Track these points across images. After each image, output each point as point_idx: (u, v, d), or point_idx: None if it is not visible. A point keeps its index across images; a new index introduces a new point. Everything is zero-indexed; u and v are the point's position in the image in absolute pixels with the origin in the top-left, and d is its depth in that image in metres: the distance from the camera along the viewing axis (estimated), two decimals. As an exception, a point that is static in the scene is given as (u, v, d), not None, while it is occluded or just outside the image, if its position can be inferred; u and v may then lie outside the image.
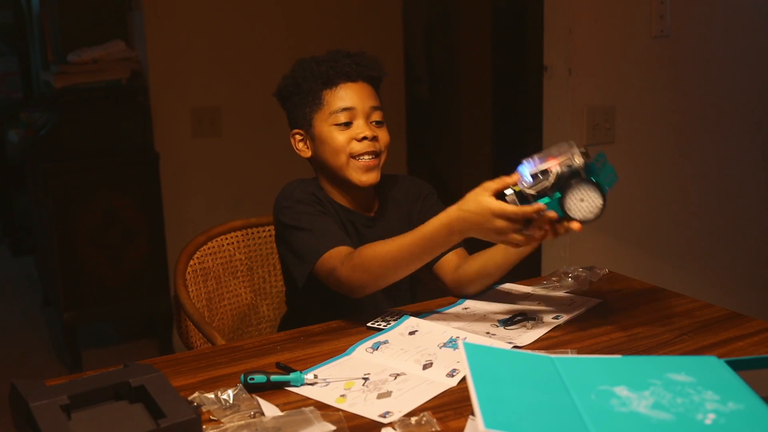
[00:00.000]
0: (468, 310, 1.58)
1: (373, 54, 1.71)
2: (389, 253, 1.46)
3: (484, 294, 1.66)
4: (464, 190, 1.90)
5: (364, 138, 1.63)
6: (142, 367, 1.09)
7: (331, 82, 1.65)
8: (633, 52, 2.48)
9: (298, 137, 1.72)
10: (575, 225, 1.34)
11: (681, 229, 2.65)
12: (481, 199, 1.35)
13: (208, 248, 1.84)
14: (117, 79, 3.35)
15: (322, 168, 1.70)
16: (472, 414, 1.13)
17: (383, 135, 1.67)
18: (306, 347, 1.42)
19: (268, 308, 1.93)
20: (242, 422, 1.11)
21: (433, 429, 1.11)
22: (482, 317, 1.54)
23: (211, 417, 1.15)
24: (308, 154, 1.71)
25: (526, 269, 1.92)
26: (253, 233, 1.93)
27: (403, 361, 1.33)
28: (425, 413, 1.13)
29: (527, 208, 1.32)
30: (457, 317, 1.54)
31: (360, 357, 1.36)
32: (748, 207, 2.77)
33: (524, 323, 1.49)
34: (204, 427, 1.09)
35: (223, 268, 1.86)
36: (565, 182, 1.32)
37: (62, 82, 3.30)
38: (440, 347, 1.38)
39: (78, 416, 1.02)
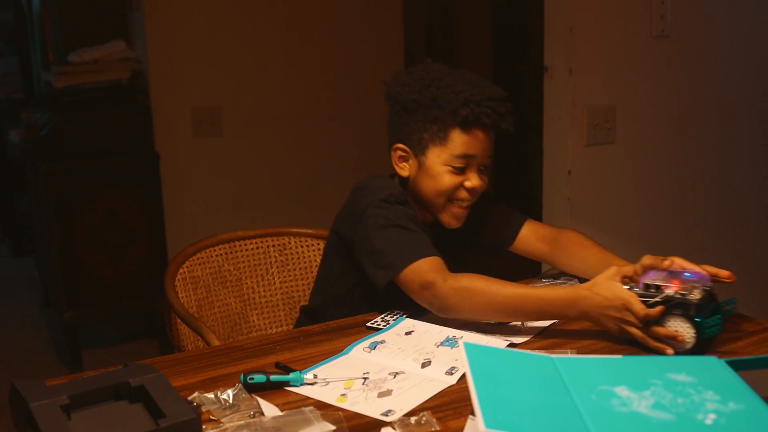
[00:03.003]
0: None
1: (508, 99, 1.60)
2: (501, 296, 1.42)
3: None
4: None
5: (472, 188, 1.59)
6: (142, 367, 1.09)
7: (465, 125, 1.56)
8: (633, 52, 2.48)
9: (400, 153, 1.63)
10: (669, 351, 1.33)
11: (681, 229, 2.65)
12: (614, 287, 1.36)
13: (197, 259, 1.87)
14: (117, 79, 3.35)
15: (413, 189, 1.64)
16: (472, 414, 1.13)
17: (485, 183, 1.62)
18: (305, 347, 1.42)
19: (258, 317, 1.95)
20: (242, 422, 1.11)
21: (433, 429, 1.11)
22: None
23: (211, 417, 1.15)
24: (406, 173, 1.63)
25: (527, 269, 1.92)
26: (240, 246, 1.95)
27: (402, 359, 1.33)
28: (425, 413, 1.13)
29: (654, 311, 1.32)
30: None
31: (358, 356, 1.37)
32: (748, 207, 2.77)
33: (520, 321, 1.49)
34: (204, 427, 1.09)
35: (213, 277, 1.89)
36: (670, 308, 1.33)
37: (63, 82, 3.30)
38: (437, 346, 1.38)
39: (78, 416, 1.02)
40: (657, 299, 1.33)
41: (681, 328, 1.32)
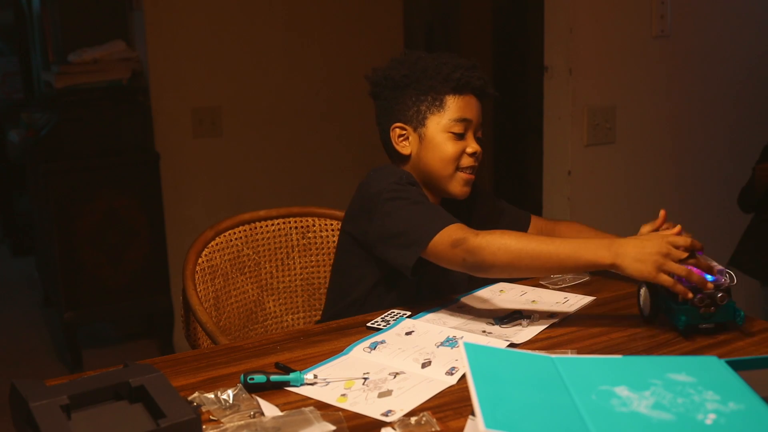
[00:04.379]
0: (463, 309, 1.59)
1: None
2: (534, 243, 1.41)
3: (478, 292, 1.68)
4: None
5: (474, 153, 1.63)
6: (142, 367, 1.09)
7: (460, 90, 1.62)
8: (633, 52, 2.48)
9: (399, 131, 1.66)
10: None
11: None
12: (661, 233, 1.44)
13: (216, 244, 1.82)
14: (117, 79, 3.36)
15: (418, 168, 1.66)
16: (472, 414, 1.13)
17: (481, 151, 1.67)
18: (306, 347, 1.42)
19: (274, 304, 1.92)
20: (242, 422, 1.11)
21: (433, 429, 1.11)
22: (477, 316, 1.54)
23: (211, 417, 1.15)
24: (408, 151, 1.66)
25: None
26: (261, 227, 1.90)
27: (402, 360, 1.33)
28: (425, 413, 1.13)
29: (697, 243, 1.41)
30: (453, 316, 1.54)
31: (358, 356, 1.37)
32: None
33: (520, 321, 1.49)
34: (204, 427, 1.09)
35: (231, 264, 1.84)
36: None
37: (63, 82, 3.30)
38: (438, 346, 1.38)
39: (78, 416, 1.02)
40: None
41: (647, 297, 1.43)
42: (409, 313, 1.55)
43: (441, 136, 1.62)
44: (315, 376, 1.26)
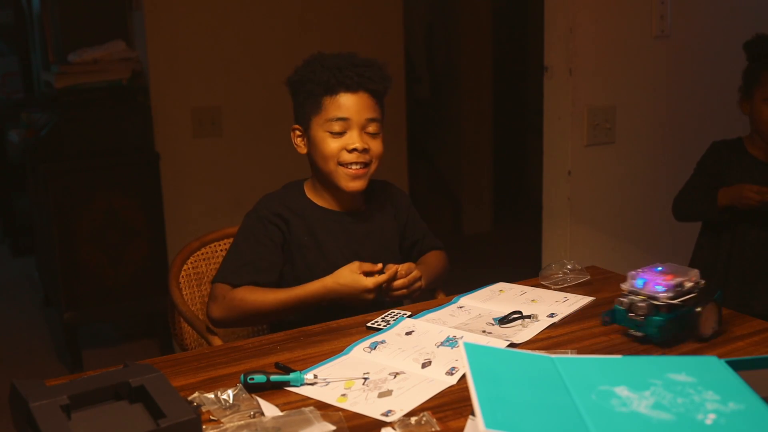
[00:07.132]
0: (463, 309, 1.59)
1: (380, 64, 1.73)
2: (267, 301, 1.62)
3: (478, 292, 1.67)
4: (464, 190, 1.88)
5: (354, 149, 1.67)
6: (142, 367, 1.09)
7: (332, 90, 1.68)
8: (633, 52, 2.48)
9: (297, 132, 1.76)
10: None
11: (681, 229, 2.65)
12: (356, 277, 1.60)
13: (202, 254, 1.87)
14: (117, 79, 3.35)
15: (313, 167, 1.75)
16: (472, 414, 1.14)
17: (376, 146, 1.70)
18: (306, 347, 1.43)
19: None
20: (242, 422, 1.11)
21: (433, 429, 1.11)
22: (477, 316, 1.54)
23: (211, 417, 1.15)
24: (303, 150, 1.76)
25: (525, 271, 1.93)
26: None
27: (402, 360, 1.33)
28: (425, 413, 1.13)
29: (382, 278, 1.60)
30: (453, 316, 1.54)
31: (358, 356, 1.37)
32: (748, 207, 2.76)
33: (520, 321, 1.49)
34: (204, 427, 1.10)
35: None
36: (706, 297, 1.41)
37: (63, 82, 3.30)
38: (438, 346, 1.38)
39: (78, 416, 1.02)
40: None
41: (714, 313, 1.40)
42: (409, 313, 1.55)
43: (321, 135, 1.69)
44: (315, 376, 1.26)
